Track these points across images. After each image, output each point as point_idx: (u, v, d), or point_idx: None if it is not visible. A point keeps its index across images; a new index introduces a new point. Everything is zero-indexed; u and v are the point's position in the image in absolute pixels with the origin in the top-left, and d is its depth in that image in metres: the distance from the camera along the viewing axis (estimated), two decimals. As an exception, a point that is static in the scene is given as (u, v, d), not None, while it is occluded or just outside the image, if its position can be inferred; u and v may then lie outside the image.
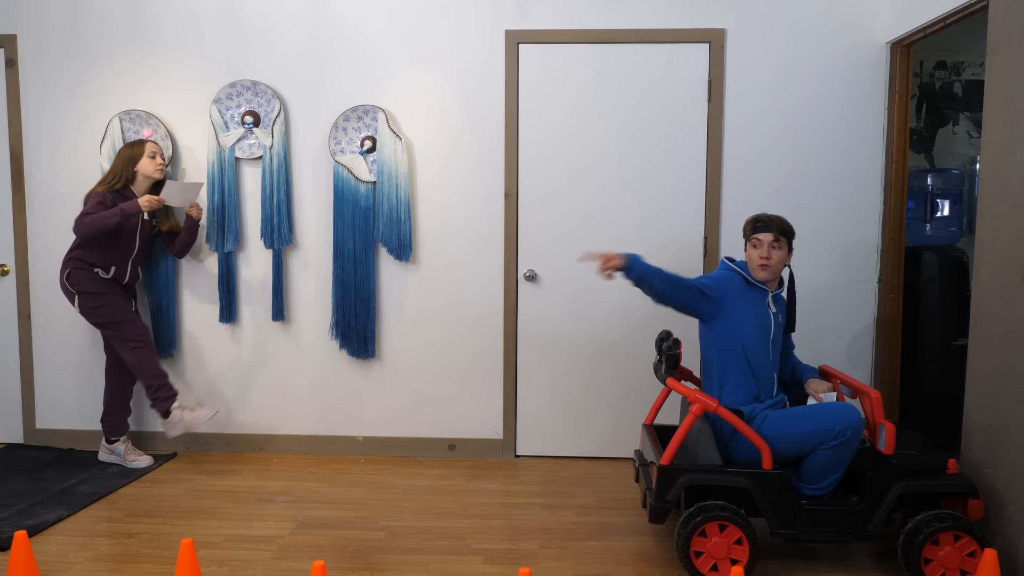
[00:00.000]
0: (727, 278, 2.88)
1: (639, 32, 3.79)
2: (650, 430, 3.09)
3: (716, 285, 2.84)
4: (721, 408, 2.69)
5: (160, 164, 3.66)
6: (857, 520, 2.64)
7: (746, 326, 2.82)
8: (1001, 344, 2.70)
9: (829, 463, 2.64)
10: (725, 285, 2.85)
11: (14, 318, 4.08)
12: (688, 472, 2.67)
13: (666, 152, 3.84)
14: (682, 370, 3.11)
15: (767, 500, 2.64)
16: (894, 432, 2.56)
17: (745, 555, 2.59)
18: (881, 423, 2.59)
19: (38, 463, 3.83)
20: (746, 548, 2.59)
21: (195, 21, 3.90)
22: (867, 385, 2.71)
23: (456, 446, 3.99)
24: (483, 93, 3.86)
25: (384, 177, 3.82)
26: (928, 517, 2.56)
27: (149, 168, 3.63)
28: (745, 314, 2.83)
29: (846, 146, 3.79)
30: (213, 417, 3.75)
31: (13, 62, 3.95)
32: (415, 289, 3.95)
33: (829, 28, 3.76)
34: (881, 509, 2.62)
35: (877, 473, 2.63)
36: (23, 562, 2.28)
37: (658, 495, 2.67)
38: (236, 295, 3.98)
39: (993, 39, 2.76)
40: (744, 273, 2.87)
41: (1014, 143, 2.65)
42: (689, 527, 2.59)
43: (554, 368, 3.94)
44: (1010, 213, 2.67)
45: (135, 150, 3.63)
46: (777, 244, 2.84)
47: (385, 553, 2.88)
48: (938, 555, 2.54)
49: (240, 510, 3.29)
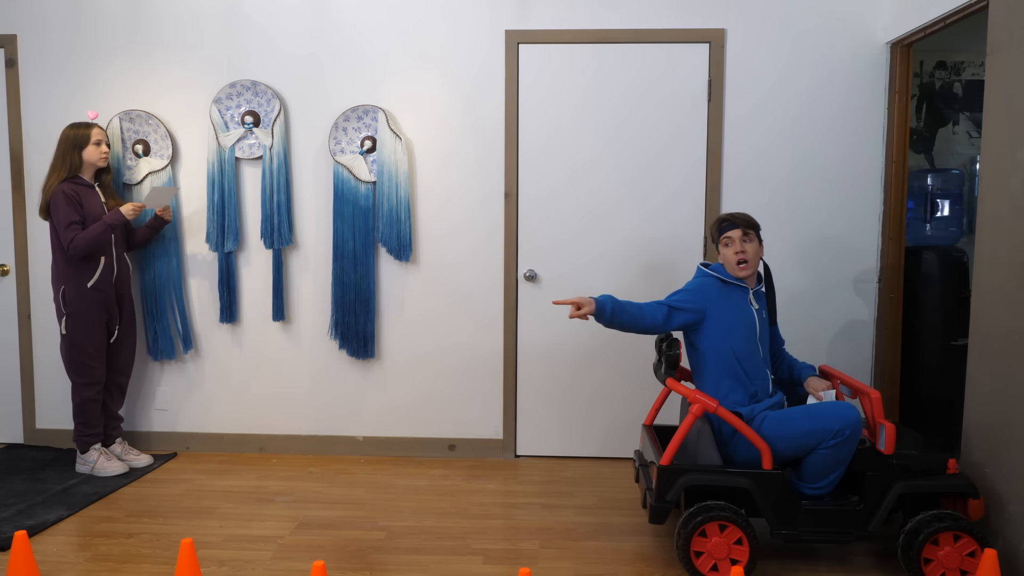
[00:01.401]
0: (703, 285, 2.89)
1: (639, 32, 3.79)
2: (650, 430, 3.09)
3: (692, 297, 2.86)
4: (721, 408, 2.69)
5: (105, 152, 3.59)
6: (857, 520, 2.64)
7: (733, 329, 2.83)
8: (1001, 344, 2.70)
9: (828, 462, 2.64)
10: (702, 293, 2.86)
11: (14, 318, 4.08)
12: (688, 472, 2.67)
13: (666, 152, 3.84)
14: (682, 370, 3.11)
15: (767, 500, 2.64)
16: (894, 432, 2.56)
17: (745, 555, 2.59)
18: (881, 423, 2.59)
19: (38, 463, 3.83)
20: (746, 548, 2.59)
21: (195, 21, 3.90)
22: (867, 385, 2.71)
23: (456, 446, 3.99)
24: (483, 93, 3.86)
25: (384, 177, 3.82)
26: (928, 517, 2.56)
27: (94, 156, 3.56)
28: (729, 317, 2.83)
29: (846, 146, 3.79)
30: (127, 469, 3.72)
31: (13, 62, 3.95)
32: (415, 289, 3.95)
33: (829, 28, 3.76)
34: (881, 509, 2.62)
35: (877, 473, 2.63)
36: (23, 562, 2.28)
37: (658, 495, 2.68)
38: (236, 295, 3.98)
39: (993, 39, 2.76)
40: (721, 275, 2.88)
41: (1014, 143, 2.65)
42: (689, 527, 2.59)
43: (554, 368, 3.94)
44: (1010, 213, 2.67)
45: (79, 135, 3.55)
46: (747, 238, 2.86)
47: (385, 553, 2.88)
48: (938, 555, 2.54)
49: (240, 510, 3.29)
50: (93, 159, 3.57)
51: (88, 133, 3.56)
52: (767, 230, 3.82)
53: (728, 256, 2.87)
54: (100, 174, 3.68)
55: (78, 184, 3.55)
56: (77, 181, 3.56)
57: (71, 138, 3.55)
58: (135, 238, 3.81)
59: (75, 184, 3.54)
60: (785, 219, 3.83)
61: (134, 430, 4.04)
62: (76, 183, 3.55)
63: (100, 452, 3.67)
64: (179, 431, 4.05)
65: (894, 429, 2.57)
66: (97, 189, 3.63)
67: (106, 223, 3.47)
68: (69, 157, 3.53)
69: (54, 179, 3.52)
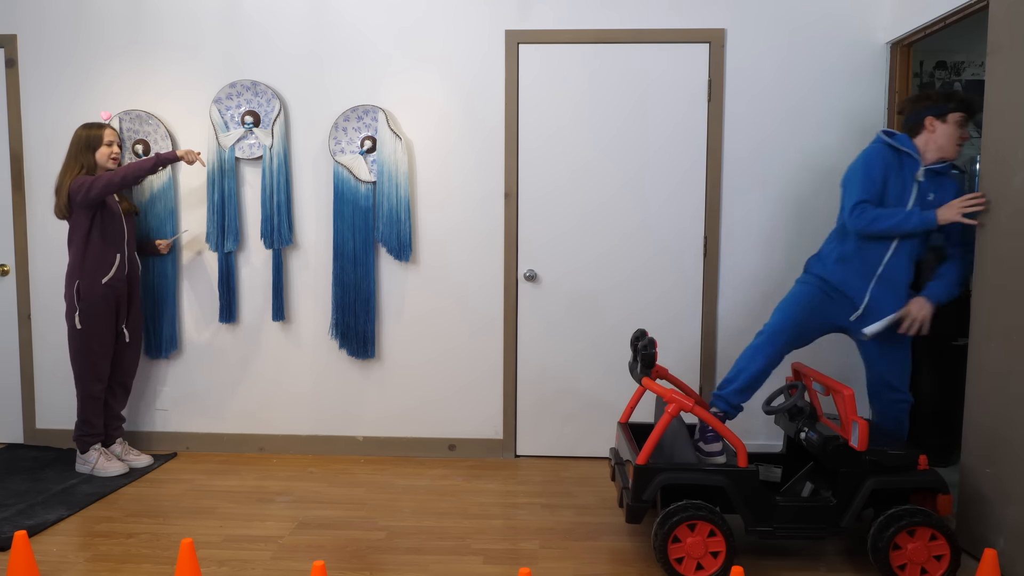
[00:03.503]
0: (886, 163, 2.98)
1: (639, 32, 3.79)
2: (625, 428, 3.09)
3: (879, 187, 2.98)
4: (697, 408, 2.71)
5: (116, 153, 3.60)
6: (831, 516, 2.66)
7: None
8: (1001, 344, 2.70)
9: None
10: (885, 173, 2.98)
11: (14, 318, 4.08)
12: (664, 471, 2.67)
13: (666, 152, 3.84)
14: (658, 369, 3.11)
15: (742, 498, 2.65)
16: (867, 428, 2.58)
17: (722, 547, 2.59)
18: (854, 420, 2.60)
19: (38, 463, 3.83)
20: (722, 542, 2.59)
21: (195, 21, 3.90)
22: (839, 383, 2.72)
23: (456, 446, 3.99)
24: (483, 93, 3.86)
25: (384, 177, 3.82)
26: (897, 512, 2.58)
27: (103, 157, 3.57)
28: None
29: (846, 146, 3.79)
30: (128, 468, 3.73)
31: (13, 62, 3.95)
32: (415, 289, 3.95)
33: (829, 28, 3.76)
34: (854, 505, 2.64)
35: (850, 469, 2.64)
36: (23, 562, 2.28)
37: (635, 495, 2.68)
38: (236, 295, 3.98)
39: (993, 39, 2.76)
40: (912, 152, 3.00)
41: (1015, 143, 2.65)
42: (665, 528, 2.59)
43: (554, 368, 3.94)
44: (1011, 213, 2.67)
45: (92, 135, 3.56)
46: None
47: (385, 553, 2.88)
48: (907, 549, 2.56)
49: (240, 510, 3.29)
50: (103, 160, 3.58)
51: (101, 134, 3.57)
52: (767, 229, 3.82)
53: (952, 135, 2.96)
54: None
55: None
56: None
57: (84, 138, 3.56)
58: (148, 246, 3.84)
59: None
60: (785, 219, 3.83)
61: (134, 430, 4.05)
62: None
63: (100, 452, 3.67)
64: (179, 431, 4.05)
65: (867, 425, 2.58)
66: None
67: (154, 159, 3.50)
68: (82, 157, 3.54)
69: (68, 179, 3.53)
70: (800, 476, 3.01)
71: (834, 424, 2.77)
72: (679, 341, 3.90)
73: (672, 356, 3.91)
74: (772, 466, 3.09)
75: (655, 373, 3.08)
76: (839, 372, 3.87)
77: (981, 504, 2.77)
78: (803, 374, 2.97)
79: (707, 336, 3.88)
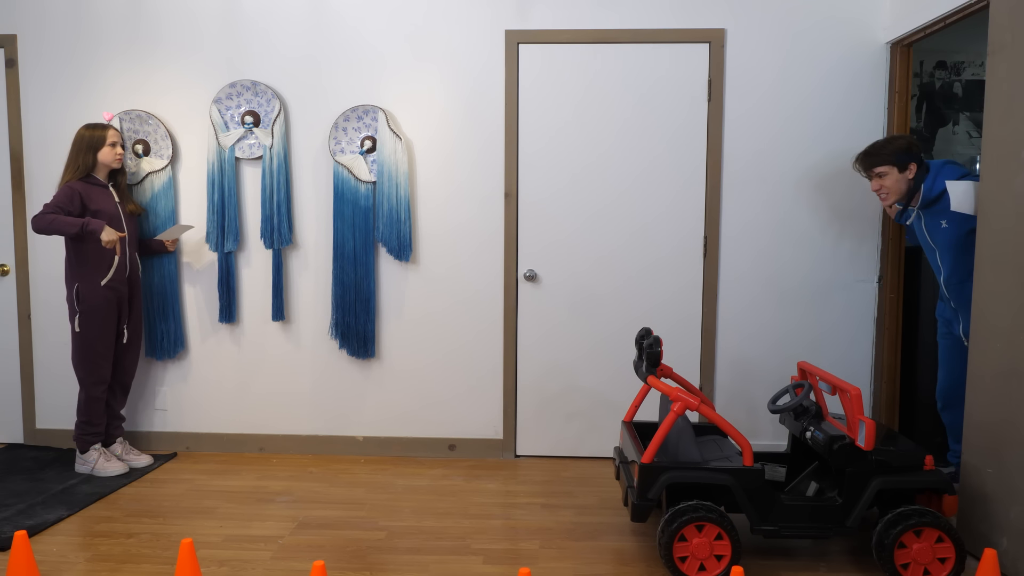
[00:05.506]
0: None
1: (639, 32, 3.79)
2: (630, 427, 3.09)
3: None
4: (703, 406, 2.71)
5: (119, 153, 3.61)
6: (837, 516, 2.66)
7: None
8: (1003, 344, 2.70)
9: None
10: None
11: (14, 318, 4.07)
12: (670, 470, 2.67)
13: (666, 152, 3.84)
14: (663, 367, 3.11)
15: (747, 496, 2.65)
16: (874, 428, 2.58)
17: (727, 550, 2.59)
18: (861, 419, 2.60)
19: (38, 463, 3.82)
20: (727, 544, 2.59)
21: (195, 21, 3.90)
22: (846, 382, 2.72)
23: (456, 446, 3.99)
24: (483, 93, 3.86)
25: (384, 177, 3.82)
26: (903, 512, 2.57)
27: (108, 157, 3.57)
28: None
29: (846, 145, 3.79)
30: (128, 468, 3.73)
31: (13, 62, 3.95)
32: (415, 289, 3.95)
33: (829, 28, 3.76)
34: (860, 504, 2.63)
35: (856, 469, 2.64)
36: (23, 562, 2.28)
37: (640, 493, 2.68)
38: (236, 295, 3.98)
39: (994, 39, 2.76)
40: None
41: (1016, 143, 2.65)
42: (673, 527, 2.59)
43: (554, 368, 3.94)
44: (1011, 213, 2.67)
45: (95, 136, 3.56)
46: (877, 175, 3.24)
47: (385, 553, 2.87)
48: (912, 550, 2.56)
49: (240, 510, 3.28)
50: (108, 160, 3.58)
51: (104, 135, 3.57)
52: (767, 229, 3.82)
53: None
54: (115, 175, 3.69)
55: (91, 184, 3.56)
56: (90, 181, 3.57)
57: (86, 139, 3.56)
58: (151, 246, 3.84)
59: (88, 183, 3.55)
60: (785, 218, 3.83)
61: (134, 430, 4.04)
62: (89, 183, 3.56)
63: (100, 452, 3.67)
64: (179, 431, 4.05)
65: (874, 425, 2.58)
66: (111, 190, 3.63)
67: (81, 224, 3.41)
68: (83, 158, 3.54)
69: (68, 178, 3.54)
70: (805, 475, 3.01)
71: (840, 423, 2.77)
72: (679, 341, 3.90)
73: (672, 356, 3.90)
74: (777, 465, 3.09)
75: (660, 371, 3.08)
76: (845, 371, 3.87)
77: (983, 504, 2.77)
78: (809, 373, 2.97)
79: (707, 336, 3.88)
